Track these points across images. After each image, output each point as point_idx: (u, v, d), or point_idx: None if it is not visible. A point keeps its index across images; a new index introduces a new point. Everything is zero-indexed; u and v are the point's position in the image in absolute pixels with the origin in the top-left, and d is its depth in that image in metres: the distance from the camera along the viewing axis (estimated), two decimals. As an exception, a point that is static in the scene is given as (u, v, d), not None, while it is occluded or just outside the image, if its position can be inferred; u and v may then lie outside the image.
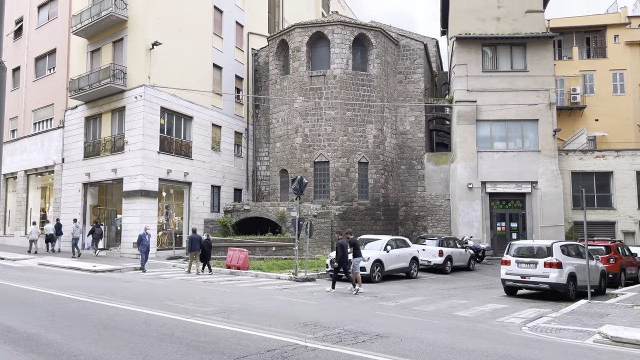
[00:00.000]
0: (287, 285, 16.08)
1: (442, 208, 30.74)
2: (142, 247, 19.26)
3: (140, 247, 19.29)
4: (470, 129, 29.50)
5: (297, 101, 29.10)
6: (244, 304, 11.46)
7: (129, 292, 13.11)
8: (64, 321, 8.92)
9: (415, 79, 31.54)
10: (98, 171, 26.12)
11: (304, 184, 17.94)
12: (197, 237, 19.67)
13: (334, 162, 28.33)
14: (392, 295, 14.14)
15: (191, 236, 19.81)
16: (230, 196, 30.69)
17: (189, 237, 19.94)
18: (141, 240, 19.26)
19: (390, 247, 18.44)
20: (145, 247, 19.23)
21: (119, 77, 24.91)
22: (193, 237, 19.67)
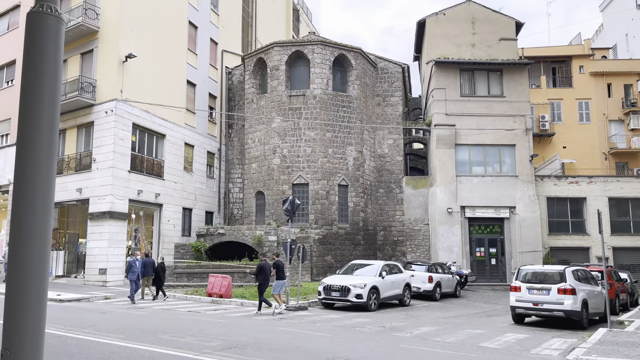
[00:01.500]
0: (282, 314, 14.79)
1: (421, 233, 30.19)
2: (131, 274, 17.26)
3: (130, 274, 17.30)
4: (449, 153, 29.31)
5: (275, 121, 28.12)
6: (251, 337, 10.17)
7: (112, 324, 11.53)
8: (50, 363, 7.42)
9: (393, 102, 31.26)
10: (60, 191, 24.03)
11: (297, 204, 16.86)
12: (150, 262, 18.62)
13: (313, 185, 27.36)
14: (400, 325, 13.14)
15: (144, 260, 18.54)
16: (202, 219, 29.10)
17: (142, 262, 18.55)
18: (130, 268, 17.30)
19: (385, 273, 17.49)
20: (135, 275, 17.25)
21: (88, 91, 23.28)
22: (146, 261, 18.50)
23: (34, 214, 2.11)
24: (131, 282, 17.18)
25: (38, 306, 2.02)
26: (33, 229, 2.16)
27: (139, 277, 17.22)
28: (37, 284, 2.16)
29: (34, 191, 1.93)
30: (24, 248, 2.25)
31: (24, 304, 2.10)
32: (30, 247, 2.24)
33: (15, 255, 2.09)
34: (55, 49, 2.08)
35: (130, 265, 17.12)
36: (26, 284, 2.18)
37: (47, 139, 2.08)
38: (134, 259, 17.43)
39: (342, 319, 14.04)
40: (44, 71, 2.08)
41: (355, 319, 14.21)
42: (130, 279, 17.23)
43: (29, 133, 2.03)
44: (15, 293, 2.03)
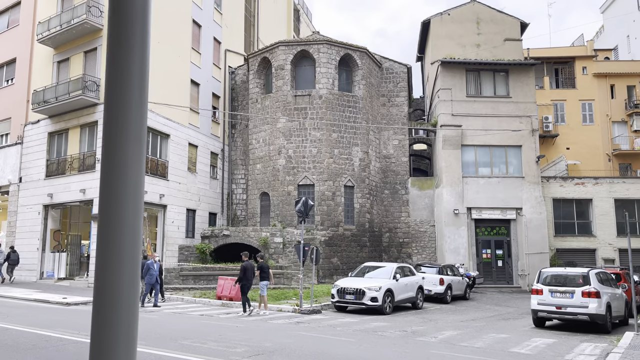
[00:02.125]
0: (297, 318, 14.45)
1: (426, 234, 29.91)
2: (149, 277, 16.55)
3: (148, 277, 16.55)
4: (456, 154, 29.08)
5: (280, 121, 27.77)
6: (275, 342, 9.82)
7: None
8: (75, 372, 7.05)
9: (398, 102, 30.99)
10: (63, 192, 23.63)
11: (310, 206, 16.50)
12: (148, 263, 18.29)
13: (319, 185, 27.02)
14: (421, 330, 12.82)
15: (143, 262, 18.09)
16: (206, 220, 28.68)
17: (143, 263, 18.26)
18: (148, 270, 16.60)
19: (399, 276, 17.19)
20: (153, 279, 16.61)
21: (92, 90, 22.84)
22: (143, 263, 17.99)
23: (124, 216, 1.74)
24: (147, 286, 16.61)
25: (130, 320, 1.68)
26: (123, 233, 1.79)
27: (157, 280, 16.69)
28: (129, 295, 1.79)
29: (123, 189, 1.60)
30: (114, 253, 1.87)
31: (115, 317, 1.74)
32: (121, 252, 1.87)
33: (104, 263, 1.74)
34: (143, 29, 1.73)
35: (148, 268, 16.53)
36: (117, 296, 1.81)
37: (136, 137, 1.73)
38: (151, 261, 16.88)
39: (360, 323, 13.70)
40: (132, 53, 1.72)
41: (373, 322, 13.88)
42: (147, 282, 16.59)
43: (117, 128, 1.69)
44: (105, 304, 1.68)
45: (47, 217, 24.55)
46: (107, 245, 1.83)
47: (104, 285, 1.83)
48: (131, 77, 1.71)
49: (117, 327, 1.79)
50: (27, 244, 24.53)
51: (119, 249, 1.91)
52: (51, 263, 24.28)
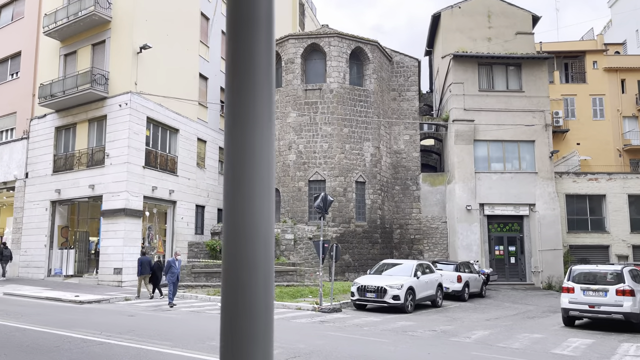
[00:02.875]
0: (319, 317, 14.04)
1: (438, 231, 29.51)
2: (171, 276, 16.07)
3: (169, 276, 16.09)
4: (468, 149, 28.66)
5: (290, 115, 27.31)
6: (308, 343, 9.40)
7: (150, 329, 10.71)
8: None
9: (409, 96, 30.54)
10: (71, 187, 23.16)
11: (329, 201, 16.08)
12: (146, 260, 18.22)
13: (330, 181, 26.59)
14: (450, 329, 12.41)
15: (140, 259, 18.24)
16: (214, 217, 28.24)
17: (138, 260, 18.36)
18: (170, 268, 16.16)
19: (420, 273, 16.78)
20: (175, 277, 16.15)
21: (100, 83, 22.34)
22: (142, 259, 18.10)
23: (256, 214, 1.34)
24: (169, 284, 16.08)
25: (266, 320, 1.30)
26: (256, 230, 1.39)
27: (178, 278, 16.27)
28: (265, 298, 1.40)
29: (253, 194, 1.21)
30: (247, 253, 1.45)
31: (250, 316, 1.34)
32: (254, 251, 1.46)
33: (235, 264, 1.34)
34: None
35: (170, 266, 16.09)
36: (253, 300, 1.39)
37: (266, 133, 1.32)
38: (173, 259, 16.39)
39: (385, 322, 13.29)
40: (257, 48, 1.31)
41: (398, 322, 13.47)
42: (169, 281, 16.06)
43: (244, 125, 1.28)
44: (238, 304, 1.28)
45: (54, 213, 24.09)
46: (239, 245, 1.41)
47: (236, 289, 1.43)
48: (258, 69, 1.33)
49: (254, 334, 1.41)
50: (34, 240, 24.07)
51: (251, 247, 1.48)
52: (59, 260, 23.83)
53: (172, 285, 15.92)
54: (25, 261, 24.18)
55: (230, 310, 1.39)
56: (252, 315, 1.40)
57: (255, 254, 1.40)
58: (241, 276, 1.42)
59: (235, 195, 1.34)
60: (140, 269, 18.06)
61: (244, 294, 1.42)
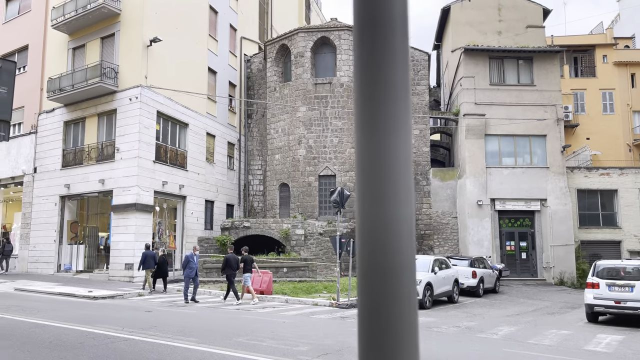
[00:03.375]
0: (338, 312, 13.84)
1: (448, 226, 29.28)
2: (189, 270, 15.65)
3: (187, 271, 15.67)
4: (479, 144, 28.40)
5: (300, 110, 27.05)
6: (335, 340, 9.20)
7: (172, 325, 10.51)
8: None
9: (419, 90, 30.23)
10: (80, 182, 22.95)
11: (346, 196, 15.85)
12: (151, 254, 18.33)
13: (341, 176, 26.36)
14: (474, 325, 12.21)
15: (146, 253, 18.36)
16: (223, 212, 28.04)
17: (143, 254, 18.47)
18: (188, 263, 15.79)
19: (437, 269, 16.58)
20: (193, 272, 15.75)
21: (110, 77, 22.09)
22: (147, 253, 18.26)
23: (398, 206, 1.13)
24: (187, 279, 15.69)
25: (412, 320, 1.09)
26: (398, 220, 1.17)
27: (196, 273, 16.02)
28: (409, 295, 1.21)
29: (393, 192, 1.00)
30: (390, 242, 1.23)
31: (396, 323, 1.13)
32: (399, 243, 1.25)
33: (376, 259, 1.13)
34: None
35: (188, 261, 15.76)
36: (399, 298, 1.18)
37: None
38: (191, 254, 16.16)
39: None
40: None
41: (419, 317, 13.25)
42: (187, 276, 15.70)
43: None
44: (383, 310, 1.06)
45: (63, 208, 23.90)
46: (378, 238, 1.20)
47: (379, 286, 1.23)
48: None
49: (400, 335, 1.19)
50: (43, 235, 23.90)
51: (395, 237, 1.27)
52: (68, 255, 23.66)
53: (191, 281, 15.58)
54: (34, 257, 24.01)
55: (371, 326, 1.17)
56: (396, 329, 1.19)
57: (399, 269, 1.19)
58: (384, 296, 1.20)
59: (374, 206, 1.12)
60: (145, 263, 18.27)
61: (388, 296, 1.21)
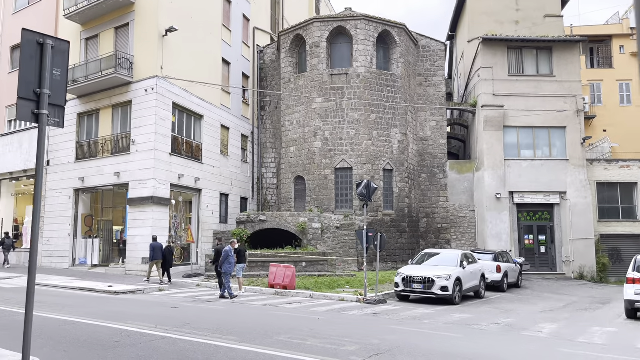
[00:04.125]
0: (368, 308, 13.45)
1: (466, 220, 28.83)
2: (228, 266, 15.10)
3: (226, 266, 15.08)
4: (497, 136, 27.91)
5: (316, 101, 26.57)
6: (380, 339, 8.80)
7: (206, 322, 10.12)
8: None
9: (435, 81, 29.70)
10: (95, 175, 22.58)
11: (373, 188, 15.40)
12: (158, 245, 18.61)
13: (357, 169, 25.92)
14: (512, 322, 11.81)
15: (152, 244, 18.61)
16: (238, 205, 27.67)
17: (150, 245, 18.65)
18: (227, 258, 15.23)
19: (466, 263, 16.17)
20: (232, 267, 15.22)
21: (125, 67, 21.65)
22: (154, 245, 18.59)
23: None
24: (227, 275, 15.10)
25: None
26: None
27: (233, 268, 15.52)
28: None
29: None
30: None
31: None
32: None
33: None
34: None
35: (228, 255, 15.24)
36: None
37: None
38: (229, 248, 15.54)
39: (441, 315, 12.70)
40: None
41: (453, 314, 12.90)
42: (227, 272, 15.09)
43: None
44: None
45: (77, 201, 23.55)
46: None
47: None
48: None
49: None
50: (57, 229, 23.57)
51: None
52: (83, 249, 23.33)
53: (228, 277, 15.06)
54: (48, 251, 23.70)
55: None
56: None
57: None
58: None
59: None
60: (153, 254, 18.38)
61: None
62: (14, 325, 9.36)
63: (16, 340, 7.73)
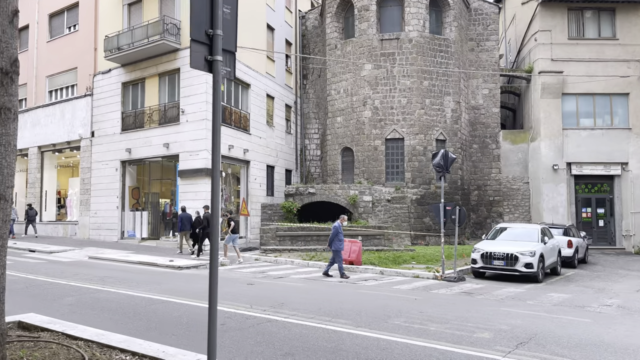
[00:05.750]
0: (451, 286, 12.61)
1: (520, 192, 27.65)
2: (338, 243, 13.90)
3: (337, 243, 13.89)
4: (555, 103, 26.46)
5: (365, 68, 25.35)
6: (506, 323, 7.94)
7: (296, 302, 9.37)
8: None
9: (488, 46, 28.14)
10: (142, 146, 21.93)
11: (451, 159, 14.41)
12: (187, 216, 18.30)
13: (409, 139, 24.81)
14: (624, 304, 10.84)
15: (180, 215, 18.26)
16: (283, 178, 26.89)
17: (179, 216, 18.34)
18: (337, 234, 13.98)
19: (547, 238, 15.17)
20: (342, 244, 14.00)
21: (172, 33, 20.68)
22: (182, 216, 18.33)
23: None
24: (338, 253, 13.91)
25: None
26: None
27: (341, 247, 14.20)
28: None
29: None
30: None
31: None
32: None
33: None
34: None
35: (337, 232, 14.04)
36: None
37: None
38: (339, 224, 14.29)
39: (535, 294, 11.81)
40: None
41: (547, 293, 12.02)
42: (336, 249, 13.92)
43: None
44: None
45: (124, 173, 22.99)
46: None
47: None
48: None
49: None
50: (104, 202, 23.12)
51: None
52: (131, 222, 22.89)
53: (340, 254, 13.91)
54: (96, 223, 23.33)
55: None
56: None
57: None
58: None
59: None
60: (181, 225, 18.09)
61: None
62: (98, 305, 8.75)
63: (107, 321, 7.06)
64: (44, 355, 3.52)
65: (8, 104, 3.57)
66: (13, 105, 3.64)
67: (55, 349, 3.70)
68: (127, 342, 3.90)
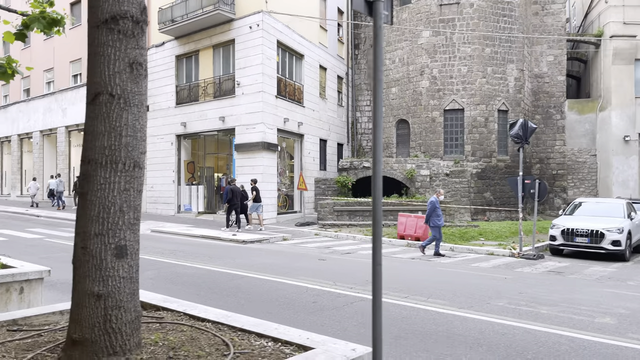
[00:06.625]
0: (537, 264, 11.85)
1: (586, 165, 26.16)
2: (436, 218, 13.16)
3: (435, 219, 13.16)
4: (628, 70, 24.68)
5: (422, 36, 24.22)
6: (626, 307, 7.21)
7: (398, 282, 8.83)
8: None
9: (554, 10, 26.36)
10: (197, 120, 21.72)
11: (532, 128, 13.43)
12: (234, 189, 17.46)
13: (469, 110, 23.69)
14: None
15: (227, 187, 17.54)
16: (335, 152, 26.31)
17: (225, 189, 17.65)
18: (435, 210, 13.22)
19: (634, 214, 14.10)
20: (441, 220, 13.20)
21: (227, 3, 20.14)
22: (228, 189, 17.43)
23: None
24: (437, 229, 13.12)
25: None
26: None
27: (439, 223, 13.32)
28: None
29: None
30: None
31: None
32: None
33: None
34: None
35: (435, 207, 13.21)
36: None
37: None
38: (436, 199, 13.48)
39: (630, 273, 10.94)
40: None
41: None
42: (435, 225, 13.15)
43: None
44: None
45: (180, 147, 22.92)
46: None
47: None
48: None
49: None
50: (160, 176, 23.18)
51: None
52: (187, 196, 22.88)
53: (439, 231, 13.15)
54: (152, 197, 23.45)
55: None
56: None
57: None
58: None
59: None
60: (226, 198, 17.51)
61: None
62: (179, 279, 8.49)
63: (195, 297, 6.71)
64: (181, 340, 3.10)
65: (139, 58, 3.13)
66: (144, 60, 3.18)
67: (189, 333, 3.28)
68: (263, 326, 3.43)
